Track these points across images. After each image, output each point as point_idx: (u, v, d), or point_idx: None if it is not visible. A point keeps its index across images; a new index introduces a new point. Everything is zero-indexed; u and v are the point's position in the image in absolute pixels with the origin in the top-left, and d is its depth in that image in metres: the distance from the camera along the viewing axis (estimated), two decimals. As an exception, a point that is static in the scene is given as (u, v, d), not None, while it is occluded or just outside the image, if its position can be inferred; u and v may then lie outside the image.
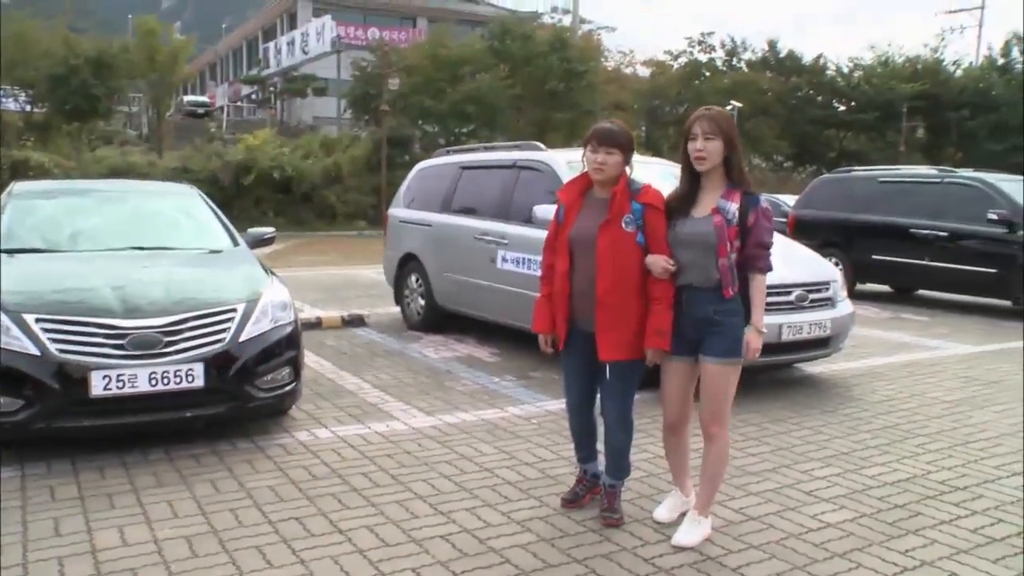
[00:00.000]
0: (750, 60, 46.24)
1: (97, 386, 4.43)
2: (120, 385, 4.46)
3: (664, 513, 3.99)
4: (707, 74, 45.19)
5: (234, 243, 6.29)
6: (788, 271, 6.38)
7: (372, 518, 3.97)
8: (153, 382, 4.53)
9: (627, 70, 49.12)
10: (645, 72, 48.31)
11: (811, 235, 11.69)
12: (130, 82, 35.72)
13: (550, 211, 4.49)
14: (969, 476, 4.71)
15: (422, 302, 8.88)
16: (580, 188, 3.88)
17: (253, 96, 57.58)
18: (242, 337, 4.91)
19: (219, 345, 4.80)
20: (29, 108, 33.96)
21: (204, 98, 57.27)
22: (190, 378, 4.63)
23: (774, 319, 6.07)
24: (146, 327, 4.63)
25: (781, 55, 45.53)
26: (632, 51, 64.38)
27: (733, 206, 3.53)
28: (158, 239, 6.02)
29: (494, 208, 7.87)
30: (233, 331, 4.90)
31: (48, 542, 3.65)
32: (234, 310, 4.99)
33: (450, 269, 8.35)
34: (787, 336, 6.21)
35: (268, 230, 6.93)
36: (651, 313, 3.67)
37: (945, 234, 11.00)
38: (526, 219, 7.08)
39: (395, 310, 9.53)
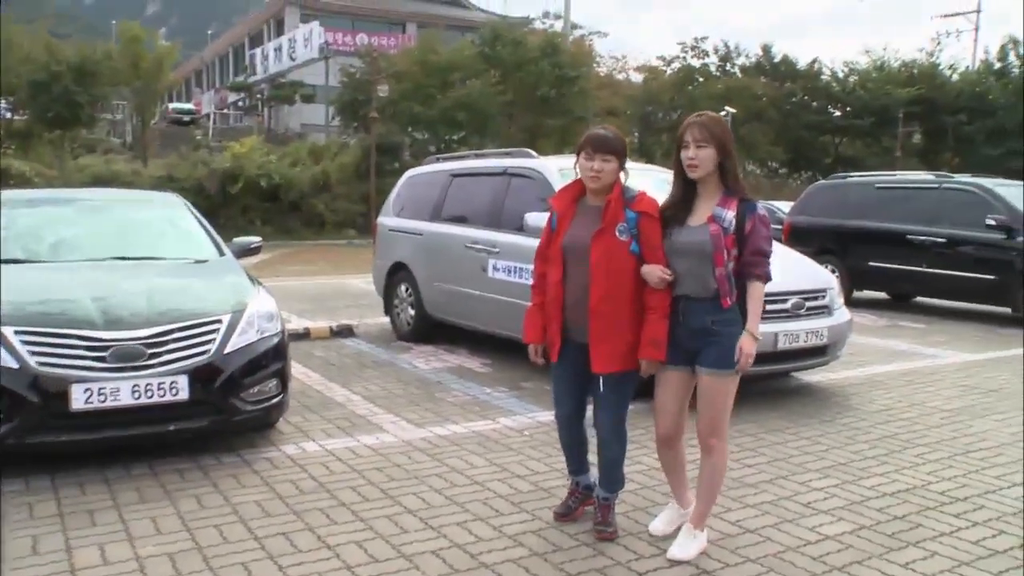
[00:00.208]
0: (744, 65, 46.40)
1: (78, 399, 4.40)
2: (102, 398, 4.42)
3: (660, 526, 3.97)
4: (700, 79, 45.33)
5: (219, 253, 6.26)
6: (784, 279, 6.37)
7: (361, 533, 3.94)
8: (136, 395, 4.50)
9: (620, 76, 49.34)
10: (638, 78, 48.53)
11: (807, 242, 11.71)
12: (114, 89, 35.64)
13: (542, 219, 4.49)
14: (970, 487, 4.71)
15: (412, 312, 8.86)
16: (573, 195, 3.87)
17: (240, 103, 57.49)
18: (227, 349, 4.89)
19: (204, 357, 4.78)
20: (10, 115, 33.87)
21: (190, 105, 57.13)
22: (174, 391, 4.60)
23: (770, 327, 6.07)
24: (129, 339, 4.60)
25: (775, 60, 45.69)
26: (624, 56, 64.83)
27: (730, 214, 3.52)
28: (142, 249, 5.98)
29: (485, 216, 7.86)
30: (218, 342, 4.87)
31: (26, 561, 3.61)
32: (219, 321, 4.97)
33: (440, 278, 8.33)
34: (783, 345, 6.21)
35: (254, 239, 6.89)
36: (646, 323, 3.65)
37: (943, 240, 11.02)
38: (517, 227, 7.08)
39: (384, 320, 9.51)
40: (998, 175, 13.49)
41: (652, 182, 5.88)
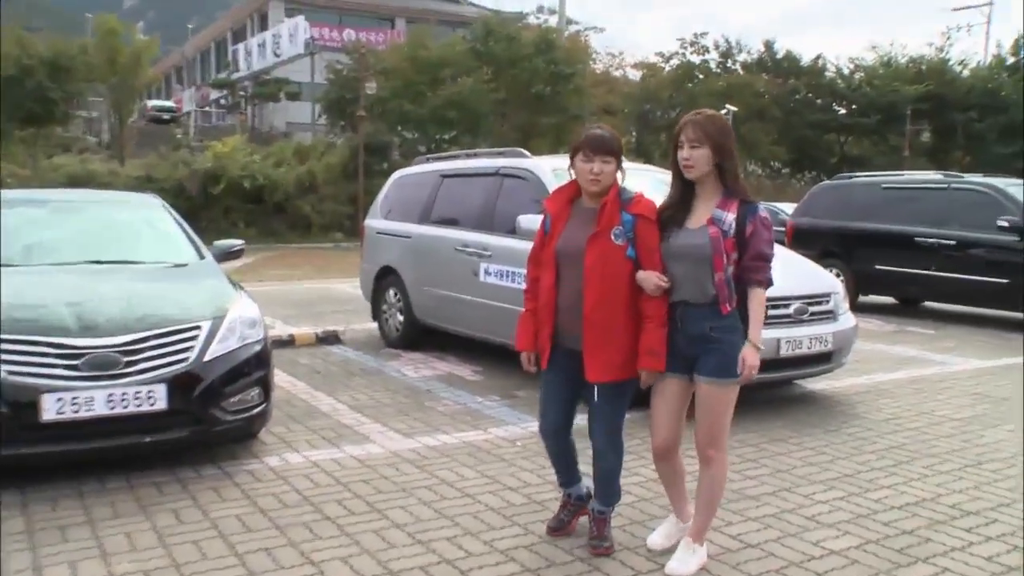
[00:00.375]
0: (745, 61, 46.56)
1: (49, 410, 4.37)
2: (75, 409, 4.40)
3: (659, 540, 3.95)
4: (700, 76, 45.47)
5: (200, 256, 6.25)
6: (787, 283, 6.36)
7: (346, 548, 3.92)
8: (111, 405, 4.47)
9: (616, 73, 49.40)
10: (635, 75, 48.63)
11: (811, 245, 11.75)
12: (89, 85, 35.57)
13: (535, 221, 4.48)
14: (982, 499, 4.70)
15: (401, 318, 8.85)
16: (567, 197, 3.86)
17: (222, 101, 57.50)
18: (207, 356, 4.87)
19: (183, 365, 4.76)
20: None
21: (170, 103, 57.09)
22: (151, 400, 4.58)
23: (772, 333, 6.07)
24: (103, 346, 4.58)
25: (778, 56, 45.85)
26: (622, 53, 64.88)
27: (729, 216, 3.50)
28: (118, 252, 5.96)
29: (476, 218, 7.86)
30: (198, 350, 4.85)
31: (-4, 579, 3.59)
32: (199, 327, 4.95)
33: (430, 283, 8.32)
34: (786, 351, 6.21)
35: (236, 242, 6.89)
36: (643, 332, 3.64)
37: (952, 243, 11.05)
38: (510, 230, 7.07)
39: (372, 326, 9.50)
40: (1010, 174, 13.53)
41: (649, 182, 5.89)
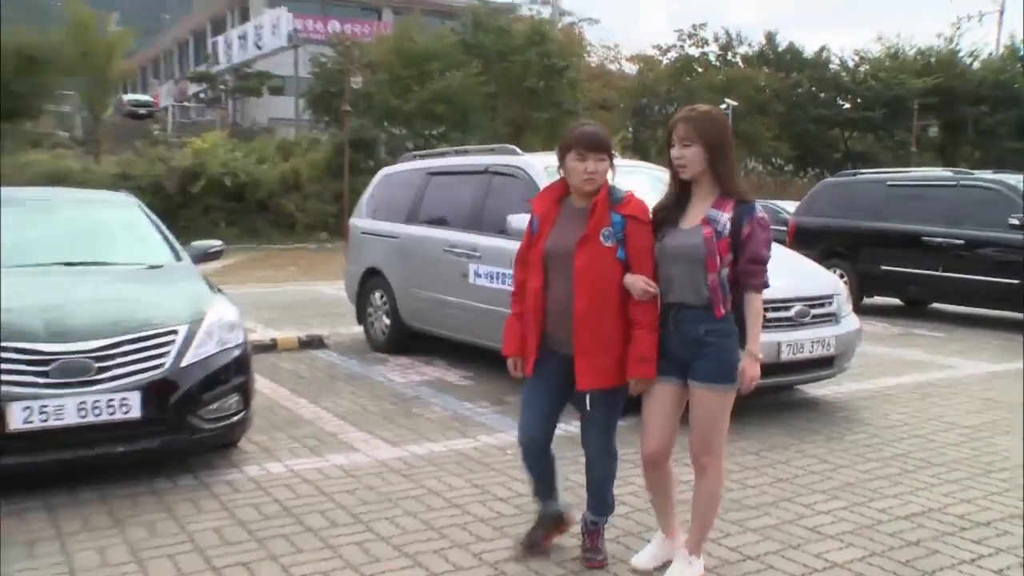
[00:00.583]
0: (746, 54, 46.70)
1: (16, 419, 4.35)
2: (44, 417, 4.38)
3: (645, 560, 3.90)
4: (699, 70, 45.57)
5: (176, 258, 6.24)
6: (787, 284, 6.39)
7: (328, 562, 3.91)
8: (82, 413, 4.45)
9: (612, 66, 49.53)
10: (632, 68, 48.70)
11: (813, 244, 11.77)
12: (60, 78, 35.39)
13: (525, 221, 4.47)
14: (992, 510, 4.70)
15: (387, 321, 8.85)
16: (555, 196, 3.85)
17: (201, 95, 57.31)
18: (184, 362, 4.86)
19: (158, 371, 4.75)
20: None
21: (146, 97, 56.97)
22: (125, 408, 4.57)
23: (772, 337, 6.08)
24: (74, 352, 4.56)
25: (780, 48, 45.97)
26: (617, 45, 64.84)
27: (724, 216, 3.49)
28: (90, 253, 5.95)
29: (465, 218, 7.87)
30: (174, 355, 4.85)
31: (-40, 595, 3.58)
32: (175, 332, 4.94)
33: (417, 285, 8.32)
34: (787, 355, 6.22)
35: (215, 243, 6.88)
36: (633, 338, 3.62)
37: (961, 242, 11.07)
38: (500, 230, 7.07)
39: (358, 330, 9.49)
40: (1022, 171, 13.53)
41: (646, 180, 5.92)
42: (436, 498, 4.74)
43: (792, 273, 6.78)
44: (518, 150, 7.94)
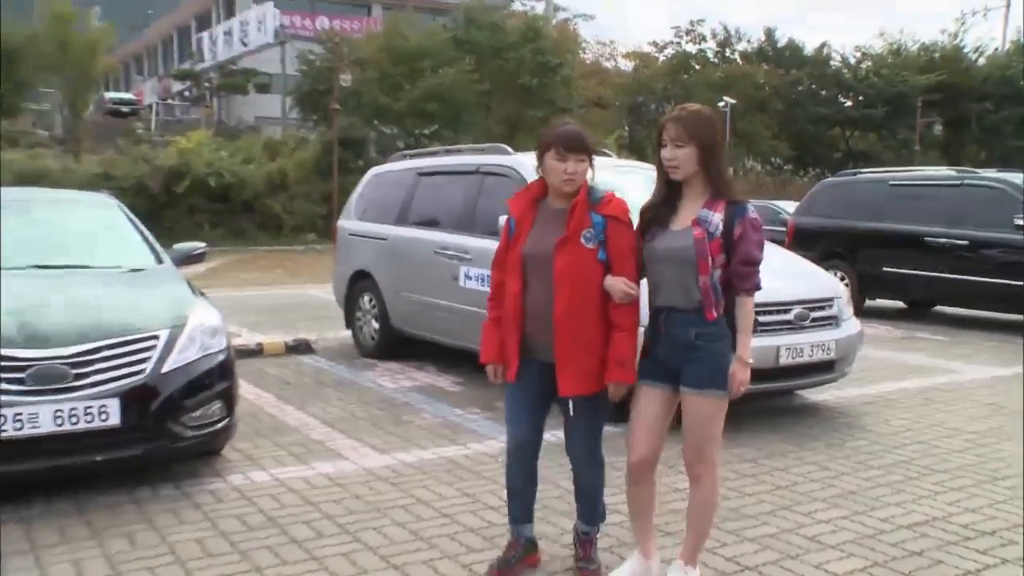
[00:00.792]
0: (745, 51, 46.81)
1: (-10, 428, 4.32)
2: (18, 426, 4.35)
3: None
4: (697, 67, 45.65)
5: (158, 260, 6.22)
6: (787, 286, 6.39)
7: (314, 574, 3.90)
8: (59, 421, 4.43)
9: (607, 63, 49.64)
10: (628, 65, 48.78)
11: (813, 246, 11.79)
12: (39, 75, 35.28)
13: (513, 222, 4.45)
14: (998, 519, 4.70)
15: (376, 325, 8.83)
16: (532, 197, 3.83)
17: (186, 93, 57.38)
18: (165, 367, 4.84)
19: (138, 377, 4.73)
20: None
21: (129, 95, 56.93)
22: (103, 416, 4.54)
23: (771, 340, 6.09)
24: (50, 358, 4.54)
25: (779, 45, 46.06)
26: (613, 42, 65.15)
27: (716, 216, 3.48)
28: (68, 256, 5.93)
29: (456, 219, 7.86)
30: (154, 361, 4.83)
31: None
32: (156, 337, 4.92)
33: (407, 288, 8.31)
34: (786, 360, 6.21)
35: (198, 245, 6.87)
36: (612, 342, 3.62)
37: (965, 243, 11.09)
38: (492, 231, 7.06)
39: (346, 334, 9.48)
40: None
41: (642, 180, 5.90)
42: (425, 507, 4.73)
43: (791, 275, 6.78)
44: (510, 149, 7.92)
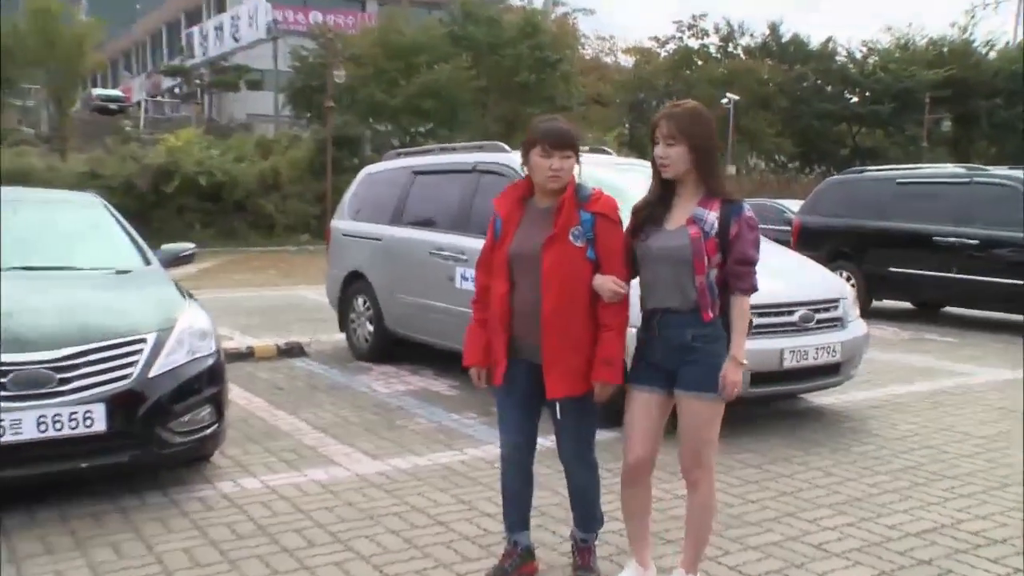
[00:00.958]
0: (748, 46, 46.83)
1: (-31, 434, 4.31)
2: None
3: None
4: (699, 62, 45.69)
5: (145, 262, 6.21)
6: (791, 287, 6.38)
7: (304, 585, 3.89)
8: (42, 428, 4.41)
9: (607, 59, 49.69)
10: (628, 61, 48.82)
11: (818, 245, 11.79)
12: (23, 71, 35.25)
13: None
14: (1009, 526, 4.69)
15: (370, 328, 8.82)
16: (518, 196, 3.81)
17: (176, 89, 57.38)
18: (153, 372, 4.83)
19: (124, 382, 4.71)
20: None
21: (117, 91, 56.93)
22: (88, 422, 4.53)
23: (775, 343, 6.08)
24: (33, 362, 4.52)
25: (784, 39, 46.08)
26: (613, 37, 65.20)
27: (712, 215, 3.47)
28: (52, 257, 5.91)
29: (451, 219, 7.86)
30: (142, 365, 4.81)
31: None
32: (143, 340, 4.91)
33: (402, 289, 8.30)
34: (790, 362, 6.20)
35: (187, 246, 6.86)
36: (599, 341, 3.61)
37: (975, 242, 11.08)
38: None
39: (340, 337, 9.47)
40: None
41: (642, 178, 5.87)
42: (419, 515, 4.72)
43: (796, 276, 6.78)
44: (506, 147, 7.91)
